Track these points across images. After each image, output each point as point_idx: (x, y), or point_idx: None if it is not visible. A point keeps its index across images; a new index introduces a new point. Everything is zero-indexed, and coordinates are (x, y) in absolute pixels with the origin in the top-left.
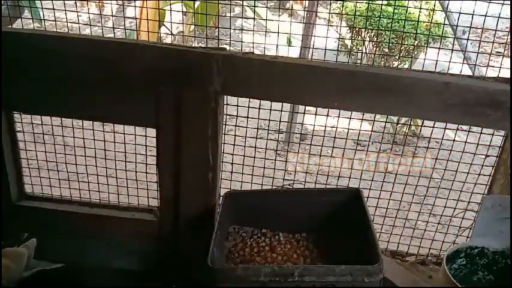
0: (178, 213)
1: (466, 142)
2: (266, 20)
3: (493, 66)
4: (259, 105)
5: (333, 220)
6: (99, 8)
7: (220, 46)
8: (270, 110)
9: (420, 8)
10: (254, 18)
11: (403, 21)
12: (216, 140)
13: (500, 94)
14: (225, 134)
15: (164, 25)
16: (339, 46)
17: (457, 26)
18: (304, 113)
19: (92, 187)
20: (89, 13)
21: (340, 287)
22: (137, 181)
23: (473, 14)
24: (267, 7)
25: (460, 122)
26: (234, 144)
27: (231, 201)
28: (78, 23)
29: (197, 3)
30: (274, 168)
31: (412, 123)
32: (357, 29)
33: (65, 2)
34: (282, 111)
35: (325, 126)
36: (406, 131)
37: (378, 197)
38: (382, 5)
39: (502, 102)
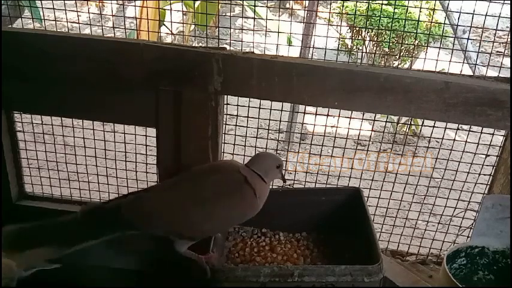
0: None
1: (466, 142)
2: (266, 19)
3: (494, 66)
4: (260, 104)
5: (333, 220)
6: (99, 8)
7: (220, 46)
8: (270, 109)
9: (420, 8)
10: (254, 18)
11: (404, 20)
12: (216, 139)
13: (500, 94)
14: (225, 133)
15: (164, 25)
16: (339, 46)
17: (457, 25)
18: (304, 113)
19: (92, 187)
20: (89, 13)
21: (340, 287)
22: (137, 181)
23: (473, 14)
24: (267, 7)
25: (461, 121)
26: (234, 144)
27: None
28: (78, 23)
29: (197, 3)
30: None
31: (412, 123)
32: (357, 29)
33: (65, 2)
34: (282, 110)
35: (326, 126)
36: (407, 131)
37: (378, 197)
38: (382, 4)
39: (503, 102)
